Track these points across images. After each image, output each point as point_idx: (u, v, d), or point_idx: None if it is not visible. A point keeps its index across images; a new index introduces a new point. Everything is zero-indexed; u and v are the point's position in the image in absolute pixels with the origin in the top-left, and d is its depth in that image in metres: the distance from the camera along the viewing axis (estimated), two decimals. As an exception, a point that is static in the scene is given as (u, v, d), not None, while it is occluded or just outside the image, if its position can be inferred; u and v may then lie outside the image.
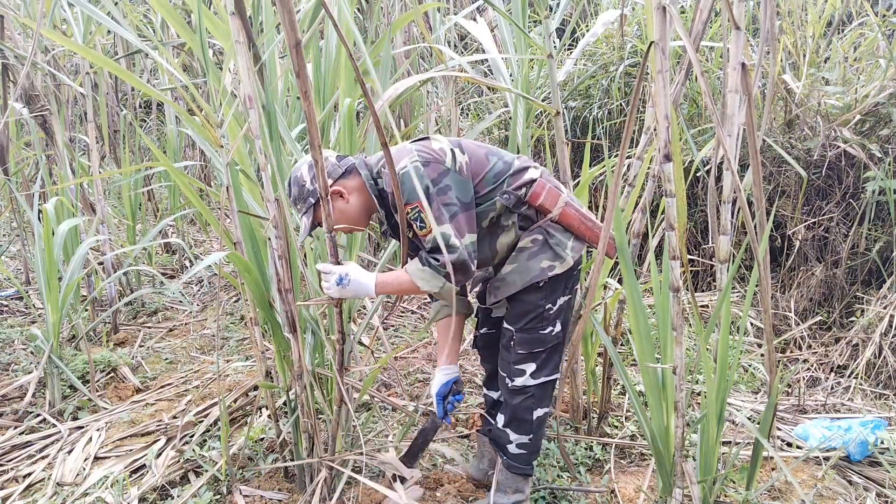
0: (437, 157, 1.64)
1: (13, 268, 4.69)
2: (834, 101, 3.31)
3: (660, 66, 1.49)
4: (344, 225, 1.74)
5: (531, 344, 1.79)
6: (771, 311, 2.22)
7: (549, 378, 1.82)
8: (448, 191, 1.62)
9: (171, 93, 4.66)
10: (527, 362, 1.80)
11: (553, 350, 1.82)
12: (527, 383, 1.80)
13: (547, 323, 1.78)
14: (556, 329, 1.81)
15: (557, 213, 1.75)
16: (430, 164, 1.62)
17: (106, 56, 3.09)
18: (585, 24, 4.78)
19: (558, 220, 1.76)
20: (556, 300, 1.78)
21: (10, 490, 2.10)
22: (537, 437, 1.86)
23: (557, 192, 1.76)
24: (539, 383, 1.81)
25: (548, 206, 1.74)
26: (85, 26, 3.09)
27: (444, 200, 1.61)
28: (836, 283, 3.38)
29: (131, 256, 3.96)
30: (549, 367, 1.82)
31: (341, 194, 1.69)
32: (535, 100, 2.09)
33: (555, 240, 1.75)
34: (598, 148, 4.15)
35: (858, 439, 2.16)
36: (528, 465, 1.87)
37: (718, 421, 1.71)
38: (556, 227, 1.77)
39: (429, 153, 1.65)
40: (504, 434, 1.85)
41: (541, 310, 1.76)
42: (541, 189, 1.73)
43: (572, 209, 1.77)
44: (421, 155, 1.63)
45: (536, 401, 1.82)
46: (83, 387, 2.75)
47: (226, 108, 1.84)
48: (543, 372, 1.81)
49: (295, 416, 2.01)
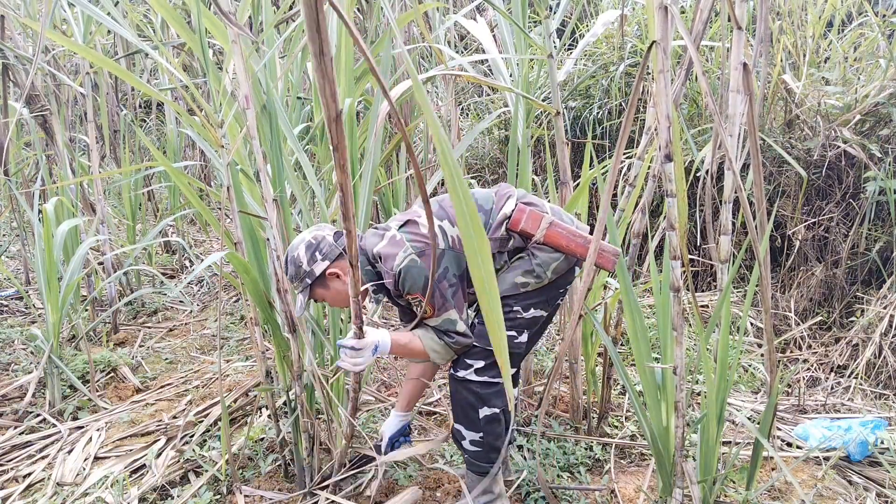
0: (428, 243, 1.65)
1: (13, 268, 4.69)
2: (834, 101, 3.31)
3: (661, 65, 1.49)
4: (336, 306, 1.81)
5: (487, 340, 1.74)
6: (771, 311, 2.22)
7: (493, 380, 1.76)
8: (446, 273, 1.66)
9: (171, 93, 4.66)
10: (477, 358, 1.75)
11: (509, 357, 1.79)
12: (469, 377, 1.76)
13: (513, 327, 1.76)
14: (522, 339, 1.79)
15: (542, 236, 1.74)
16: (425, 254, 1.65)
17: (106, 56, 3.09)
18: (585, 25, 4.78)
19: (544, 242, 1.75)
20: (528, 308, 1.77)
21: (10, 490, 2.10)
22: (489, 436, 1.79)
23: (539, 213, 1.74)
24: (481, 381, 1.76)
25: (529, 230, 1.73)
26: (85, 26, 3.09)
27: (443, 287, 1.65)
28: (836, 283, 3.38)
29: (131, 256, 3.96)
30: (495, 369, 1.76)
31: (338, 275, 1.70)
32: (536, 100, 2.09)
33: (537, 260, 1.75)
34: (598, 148, 4.15)
35: (858, 439, 2.16)
36: (486, 463, 1.83)
37: (718, 421, 1.71)
38: (543, 248, 1.76)
39: (420, 241, 1.67)
40: (458, 431, 1.84)
41: (509, 310, 1.75)
42: (520, 215, 1.73)
43: (559, 228, 1.74)
44: (414, 246, 1.66)
45: (479, 399, 1.77)
46: (83, 387, 2.75)
47: (226, 108, 1.84)
48: (489, 372, 1.76)
49: (295, 416, 2.01)
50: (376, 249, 1.71)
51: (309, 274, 1.69)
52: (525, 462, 2.17)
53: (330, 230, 1.75)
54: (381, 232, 1.75)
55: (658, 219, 3.47)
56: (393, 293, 1.75)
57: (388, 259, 1.67)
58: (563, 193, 2.27)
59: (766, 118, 3.47)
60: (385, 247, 1.69)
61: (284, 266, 1.75)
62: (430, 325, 1.72)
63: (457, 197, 0.90)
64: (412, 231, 1.70)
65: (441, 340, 1.71)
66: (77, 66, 4.55)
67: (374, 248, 1.72)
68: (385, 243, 1.70)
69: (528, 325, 1.78)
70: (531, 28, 4.40)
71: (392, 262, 1.66)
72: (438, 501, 2.02)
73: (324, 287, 1.73)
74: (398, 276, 1.65)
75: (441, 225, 1.71)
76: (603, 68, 4.19)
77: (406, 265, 1.64)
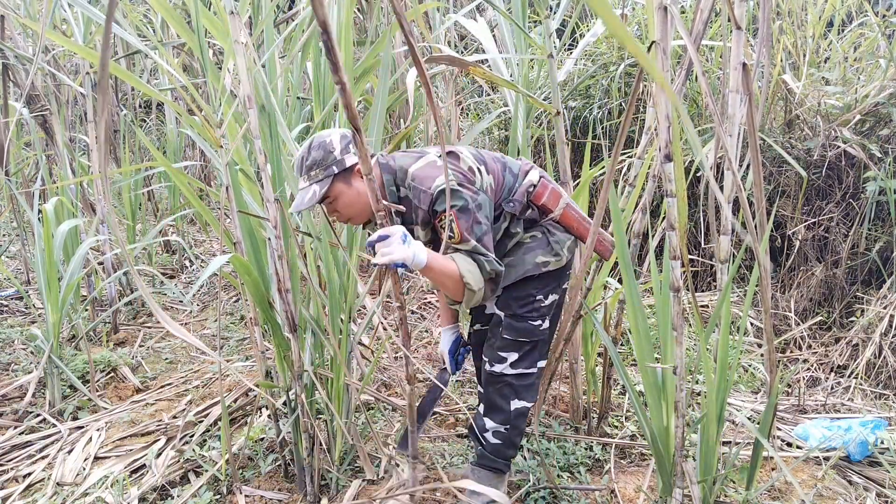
0: (469, 178, 1.65)
1: (13, 268, 4.69)
2: (834, 101, 3.31)
3: (660, 65, 1.49)
4: (346, 215, 1.67)
5: (518, 332, 1.79)
6: (771, 311, 2.22)
7: (527, 371, 1.83)
8: (481, 209, 1.63)
9: (170, 93, 4.66)
10: (510, 350, 1.80)
11: (536, 345, 1.83)
12: (505, 371, 1.81)
13: (537, 315, 1.80)
14: (545, 325, 1.83)
15: (559, 214, 1.80)
16: (465, 186, 1.62)
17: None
18: (585, 24, 4.78)
19: (559, 220, 1.82)
20: (548, 294, 1.81)
21: (10, 490, 2.10)
22: (514, 430, 1.84)
23: (559, 193, 1.81)
24: (516, 374, 1.81)
25: (550, 206, 1.79)
26: (85, 26, 3.09)
27: (477, 219, 1.62)
28: (836, 283, 3.38)
29: (131, 256, 3.96)
30: (529, 360, 1.82)
31: (362, 175, 1.58)
32: (537, 99, 2.09)
33: (555, 238, 1.80)
34: (598, 148, 4.15)
35: (858, 439, 2.16)
36: (503, 459, 1.86)
37: (718, 421, 1.71)
38: (557, 227, 1.82)
39: (462, 174, 1.65)
40: (482, 422, 1.86)
41: (532, 299, 1.78)
42: (543, 189, 1.78)
43: (573, 210, 1.83)
44: (456, 175, 1.63)
45: (513, 391, 1.82)
46: (83, 387, 2.75)
47: (225, 107, 1.84)
48: (523, 364, 1.81)
49: (295, 416, 2.01)
50: (411, 169, 1.62)
51: (338, 163, 1.57)
52: (525, 462, 2.17)
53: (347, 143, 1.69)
54: (416, 154, 1.69)
55: (658, 219, 3.47)
56: (422, 217, 1.63)
57: (425, 180, 1.61)
58: (563, 193, 2.27)
59: (766, 118, 3.47)
60: (422, 168, 1.63)
61: (305, 152, 1.60)
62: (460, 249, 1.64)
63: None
64: (452, 162, 1.66)
65: (475, 261, 1.62)
66: (77, 66, 4.55)
67: (407, 167, 1.63)
68: (422, 165, 1.64)
69: (548, 312, 1.83)
70: (531, 28, 4.40)
71: (431, 182, 1.60)
72: (438, 501, 2.02)
73: (346, 183, 1.60)
74: (435, 197, 1.57)
75: (479, 167, 1.69)
76: (603, 68, 4.19)
77: (445, 188, 1.51)
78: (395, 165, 1.68)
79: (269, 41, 1.98)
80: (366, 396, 2.67)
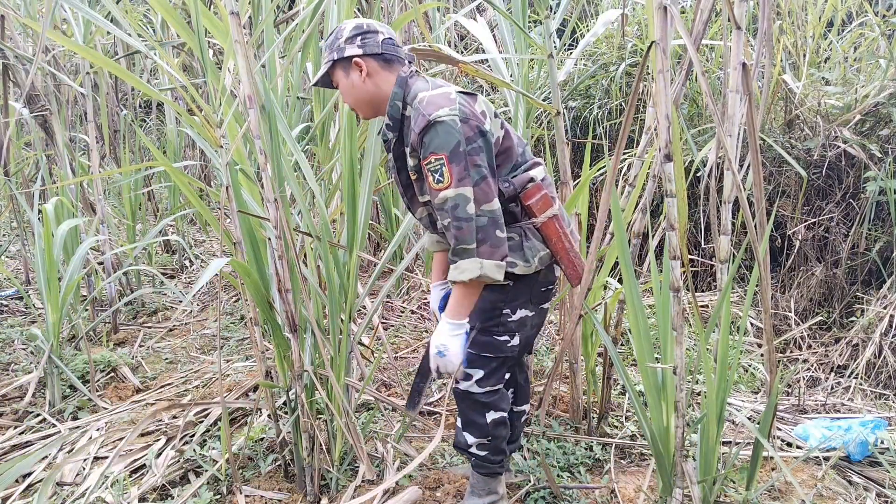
0: (477, 117, 1.55)
1: (13, 268, 4.69)
2: (834, 101, 3.31)
3: (660, 65, 1.49)
4: (347, 102, 1.71)
5: (482, 346, 1.71)
6: (771, 311, 2.22)
7: (495, 388, 1.76)
8: (480, 152, 1.52)
9: (170, 93, 4.66)
10: (475, 366, 1.72)
11: (504, 362, 1.76)
12: (471, 389, 1.73)
13: (504, 330, 1.70)
14: (513, 342, 1.72)
15: (541, 221, 1.67)
16: (468, 122, 1.51)
17: (106, 56, 3.09)
18: (585, 25, 4.78)
19: (540, 228, 1.67)
20: (515, 308, 1.70)
21: (10, 490, 2.10)
22: (497, 439, 1.79)
23: (550, 202, 1.68)
24: (485, 391, 1.74)
25: (535, 210, 1.66)
26: (85, 26, 3.09)
27: (474, 161, 1.51)
28: (836, 283, 3.38)
29: (131, 256, 3.96)
30: (496, 377, 1.75)
31: (361, 70, 1.62)
32: (536, 99, 2.09)
33: (529, 243, 1.67)
34: (598, 148, 4.15)
35: (858, 439, 2.16)
36: (494, 465, 1.83)
37: (718, 421, 1.71)
38: (536, 234, 1.68)
39: (470, 110, 1.54)
40: (463, 438, 1.81)
41: (498, 312, 1.69)
42: (536, 191, 1.66)
43: (557, 223, 1.68)
44: (462, 109, 1.52)
45: (486, 406, 1.75)
46: (83, 387, 2.75)
47: (225, 107, 1.84)
48: (490, 381, 1.73)
49: (295, 416, 2.01)
50: (422, 94, 1.58)
51: (339, 50, 1.62)
52: (525, 462, 2.17)
53: (389, 32, 1.67)
54: (439, 84, 1.63)
55: (658, 219, 3.47)
56: (413, 141, 1.57)
57: (430, 105, 1.52)
58: (563, 193, 2.27)
59: (766, 118, 3.47)
60: (434, 95, 1.55)
61: (329, 34, 1.69)
62: (433, 203, 1.57)
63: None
64: (468, 101, 1.57)
65: (456, 261, 1.55)
66: (77, 66, 4.55)
67: (419, 91, 1.58)
68: (435, 93, 1.56)
69: (517, 328, 1.72)
70: (531, 28, 4.40)
71: (433, 109, 1.51)
72: (438, 501, 2.02)
73: (344, 72, 1.64)
74: (429, 125, 1.50)
75: (496, 115, 1.63)
76: (603, 68, 4.20)
77: (446, 118, 1.49)
78: (412, 84, 1.63)
79: (268, 41, 1.98)
80: (365, 396, 2.67)
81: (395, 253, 2.85)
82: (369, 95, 1.66)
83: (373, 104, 1.68)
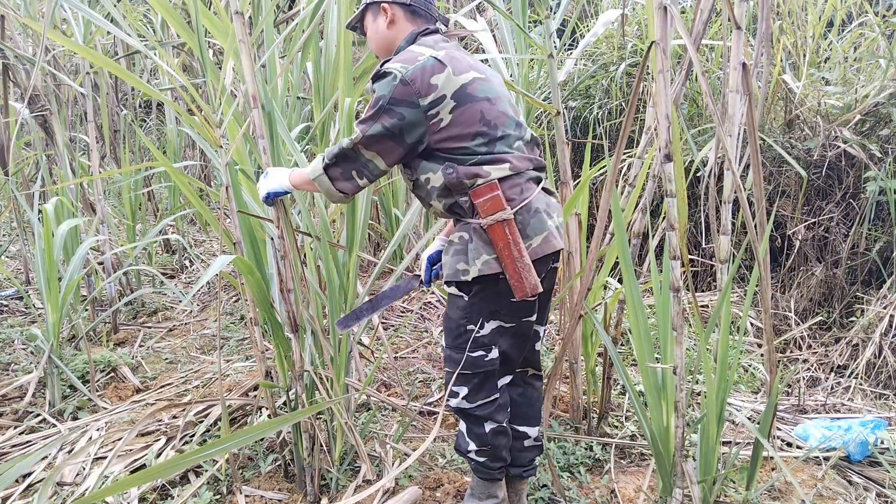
0: (422, 87, 1.51)
1: (13, 268, 4.69)
2: (834, 101, 3.31)
3: (660, 65, 1.49)
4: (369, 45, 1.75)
5: (456, 363, 1.66)
6: (771, 311, 2.22)
7: (488, 399, 1.69)
8: (394, 117, 1.51)
9: (170, 93, 4.67)
10: (458, 384, 1.67)
11: (488, 375, 1.68)
12: (462, 406, 1.69)
13: (476, 346, 1.63)
14: (492, 356, 1.65)
15: (486, 224, 1.53)
16: (408, 86, 1.50)
17: (106, 56, 3.09)
18: (585, 25, 4.78)
19: (486, 229, 1.54)
20: (482, 322, 1.61)
21: (10, 490, 2.10)
22: (496, 448, 1.74)
23: (501, 204, 1.52)
24: (477, 405, 1.68)
25: (481, 210, 1.54)
26: (85, 26, 3.09)
27: (384, 119, 1.51)
28: (836, 283, 3.38)
29: (131, 256, 3.96)
30: (485, 390, 1.68)
31: (386, 14, 1.67)
32: (536, 99, 2.09)
33: (473, 245, 1.57)
34: (598, 148, 4.15)
35: (858, 439, 2.16)
36: (494, 470, 1.78)
37: (718, 421, 1.71)
38: (483, 236, 1.56)
39: (420, 77, 1.51)
40: (465, 442, 1.78)
41: (462, 329, 1.63)
42: (487, 191, 1.53)
43: (507, 229, 1.52)
44: (412, 73, 1.51)
45: (481, 419, 1.70)
46: (83, 387, 2.75)
47: (225, 107, 1.84)
48: (479, 395, 1.68)
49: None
50: (407, 50, 1.61)
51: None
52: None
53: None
54: (439, 44, 1.62)
55: (658, 219, 3.47)
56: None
57: (395, 58, 1.58)
58: (563, 193, 2.27)
59: (766, 118, 3.47)
60: (408, 51, 1.59)
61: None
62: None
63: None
64: (431, 68, 1.52)
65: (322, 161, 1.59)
66: (77, 66, 4.55)
67: (411, 48, 1.62)
68: (415, 49, 1.59)
69: (491, 341, 1.64)
70: (531, 28, 4.40)
71: (391, 62, 1.56)
72: (438, 501, 2.02)
73: (373, 15, 1.71)
74: (377, 74, 1.57)
75: (448, 98, 1.53)
76: (603, 68, 4.20)
77: (392, 71, 1.52)
78: (418, 41, 1.66)
79: (269, 41, 1.98)
80: (365, 396, 2.67)
81: (394, 253, 2.85)
82: (387, 42, 1.71)
83: (389, 51, 1.72)
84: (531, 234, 1.57)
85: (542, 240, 1.58)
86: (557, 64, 2.22)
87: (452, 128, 1.55)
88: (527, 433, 1.85)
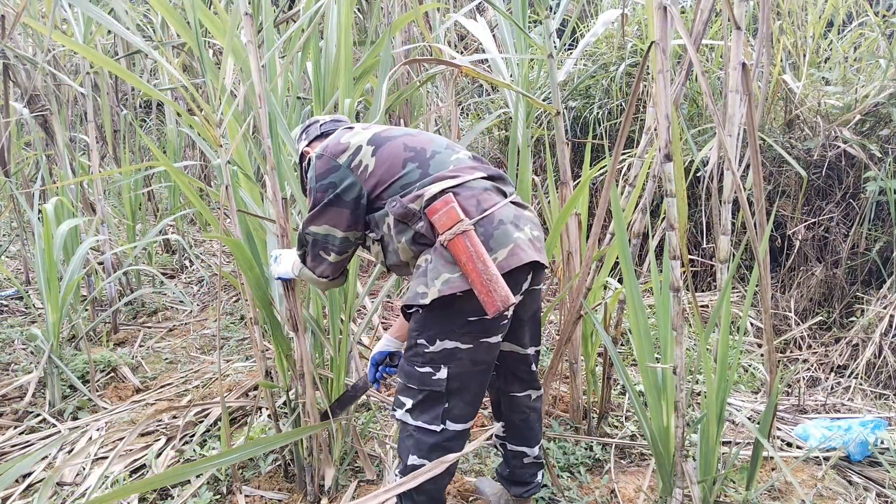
0: (332, 152, 1.59)
1: (13, 268, 4.69)
2: (834, 101, 3.31)
3: (660, 65, 1.49)
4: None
5: (407, 376, 1.56)
6: (771, 311, 2.22)
7: (429, 427, 1.54)
8: (326, 187, 1.58)
9: (170, 93, 4.67)
10: (403, 394, 1.57)
11: (437, 398, 1.54)
12: (404, 419, 1.57)
13: (423, 360, 1.52)
14: (440, 376, 1.51)
15: (447, 239, 1.44)
16: (323, 156, 1.60)
17: (106, 56, 3.09)
18: (585, 25, 4.78)
19: (447, 245, 1.44)
20: (432, 339, 1.50)
21: (10, 490, 2.10)
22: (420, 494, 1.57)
23: (457, 215, 1.45)
24: (417, 426, 1.55)
25: (438, 227, 1.46)
26: (85, 26, 3.09)
27: (317, 196, 1.60)
28: (836, 283, 3.38)
29: (131, 256, 3.96)
30: (429, 413, 1.54)
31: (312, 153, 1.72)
32: (536, 99, 2.09)
33: (432, 265, 1.47)
34: (598, 148, 4.15)
35: (858, 439, 2.16)
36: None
37: (718, 421, 1.71)
38: (444, 254, 1.46)
39: (332, 145, 1.61)
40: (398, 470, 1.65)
41: (413, 342, 1.54)
42: (441, 205, 1.46)
43: (468, 241, 1.42)
44: (323, 146, 1.62)
45: (413, 445, 1.55)
46: (83, 387, 2.75)
47: (225, 107, 1.84)
48: (422, 416, 1.54)
49: (295, 416, 2.01)
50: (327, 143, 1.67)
51: (298, 152, 1.84)
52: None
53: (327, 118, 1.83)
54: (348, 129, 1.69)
55: (658, 219, 3.47)
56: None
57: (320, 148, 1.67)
58: (563, 193, 2.27)
59: (766, 118, 3.47)
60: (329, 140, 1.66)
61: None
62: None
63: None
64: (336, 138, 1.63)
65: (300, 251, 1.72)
66: (77, 66, 4.55)
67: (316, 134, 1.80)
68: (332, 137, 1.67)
69: (443, 359, 1.51)
70: (531, 28, 4.40)
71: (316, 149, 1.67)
72: (438, 501, 2.02)
73: (306, 165, 1.79)
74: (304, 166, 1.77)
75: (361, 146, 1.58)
76: (603, 68, 4.20)
77: (310, 156, 1.69)
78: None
79: (269, 41, 1.98)
80: (365, 397, 2.67)
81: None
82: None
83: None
84: (495, 246, 1.45)
85: (507, 252, 1.45)
86: (557, 64, 2.22)
87: (379, 168, 1.57)
88: (525, 452, 1.82)
